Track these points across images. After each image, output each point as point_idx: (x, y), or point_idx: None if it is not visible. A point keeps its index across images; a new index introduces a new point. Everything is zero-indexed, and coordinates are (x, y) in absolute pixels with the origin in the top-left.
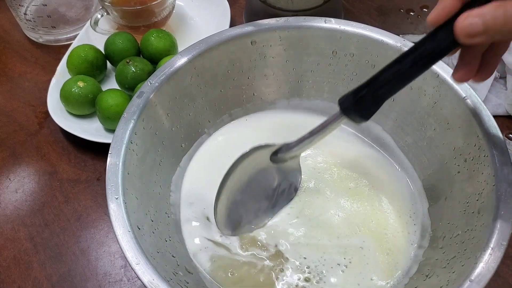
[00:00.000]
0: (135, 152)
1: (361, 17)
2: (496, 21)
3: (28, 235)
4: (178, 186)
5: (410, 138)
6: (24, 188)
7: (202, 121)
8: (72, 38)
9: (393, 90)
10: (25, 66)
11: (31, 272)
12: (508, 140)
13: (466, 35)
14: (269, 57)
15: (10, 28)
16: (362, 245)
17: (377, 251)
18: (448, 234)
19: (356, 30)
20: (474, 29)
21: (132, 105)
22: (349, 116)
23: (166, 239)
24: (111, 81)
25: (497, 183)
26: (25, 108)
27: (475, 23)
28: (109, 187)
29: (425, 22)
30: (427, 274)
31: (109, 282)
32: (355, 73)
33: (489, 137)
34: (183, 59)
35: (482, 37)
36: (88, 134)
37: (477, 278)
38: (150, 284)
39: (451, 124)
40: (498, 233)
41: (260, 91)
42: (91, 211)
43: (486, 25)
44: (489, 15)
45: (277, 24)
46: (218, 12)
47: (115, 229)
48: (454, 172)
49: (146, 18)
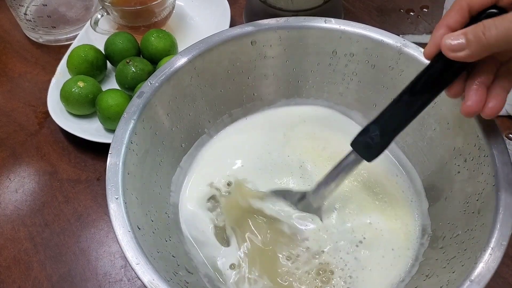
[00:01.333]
0: (135, 152)
1: (361, 17)
2: (476, 35)
3: (28, 235)
4: (178, 186)
5: (410, 138)
6: (24, 188)
7: (202, 121)
8: (72, 38)
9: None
10: (25, 66)
11: (31, 272)
12: (508, 140)
13: (451, 49)
14: (269, 57)
15: (10, 28)
16: (370, 221)
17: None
18: (448, 234)
19: (356, 30)
20: (457, 44)
21: (132, 105)
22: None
23: (166, 239)
24: (111, 81)
25: (497, 183)
26: (25, 108)
27: (458, 36)
28: (109, 187)
29: (425, 22)
30: (427, 274)
31: (109, 282)
32: (355, 73)
33: (489, 137)
34: (183, 59)
35: (466, 51)
36: (88, 134)
37: (477, 278)
38: (150, 284)
39: (451, 124)
40: (498, 233)
41: (260, 91)
42: (91, 211)
43: (468, 39)
44: (469, 31)
45: (277, 24)
46: (218, 12)
47: (115, 229)
48: (454, 172)
49: (146, 18)
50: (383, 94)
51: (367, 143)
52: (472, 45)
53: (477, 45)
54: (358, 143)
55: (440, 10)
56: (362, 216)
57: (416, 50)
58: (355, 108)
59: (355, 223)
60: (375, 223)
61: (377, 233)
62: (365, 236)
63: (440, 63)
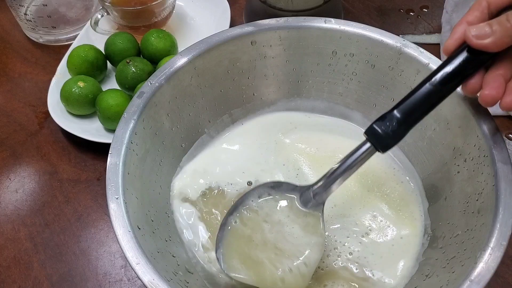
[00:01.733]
0: (135, 152)
1: (361, 17)
2: (501, 24)
3: (28, 235)
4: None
5: (410, 138)
6: (24, 188)
7: (202, 121)
8: (72, 38)
9: (419, 117)
10: (25, 66)
11: (31, 272)
12: (508, 140)
13: (476, 37)
14: (269, 57)
15: (10, 28)
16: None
17: (390, 210)
18: (448, 234)
19: (356, 30)
20: (482, 31)
21: (132, 105)
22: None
23: (166, 239)
24: (111, 81)
25: (497, 183)
26: (25, 108)
27: (483, 26)
28: (109, 187)
29: (425, 22)
30: (427, 274)
31: (109, 282)
32: (355, 73)
33: (489, 137)
34: (183, 59)
35: (491, 38)
36: (88, 134)
37: (477, 278)
38: (150, 284)
39: (451, 124)
40: (498, 233)
41: (260, 91)
42: (91, 211)
43: (492, 28)
44: (494, 21)
45: (277, 24)
46: (218, 12)
47: (115, 229)
48: (454, 172)
49: (146, 18)
50: (383, 94)
51: (384, 131)
52: (497, 32)
53: (502, 32)
54: (373, 131)
55: (440, 10)
56: (364, 210)
57: (416, 50)
58: (355, 108)
59: (358, 216)
60: (379, 215)
61: (383, 224)
62: (371, 228)
63: (462, 54)
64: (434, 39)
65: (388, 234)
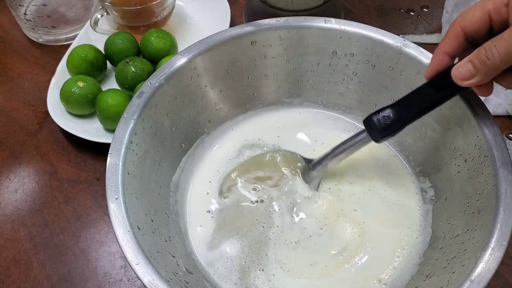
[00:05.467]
0: (135, 152)
1: (361, 17)
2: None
3: (28, 235)
4: (178, 186)
5: (410, 138)
6: (24, 188)
7: (202, 121)
8: (72, 38)
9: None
10: (25, 66)
11: (31, 272)
12: (508, 140)
13: (462, 79)
14: (269, 57)
15: (10, 28)
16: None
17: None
18: (448, 234)
19: (356, 30)
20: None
21: (132, 105)
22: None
23: (166, 239)
24: (111, 81)
25: (497, 183)
26: (25, 108)
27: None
28: (109, 187)
29: (425, 22)
30: (427, 274)
31: (109, 282)
32: (355, 73)
33: (489, 137)
34: (183, 59)
35: (477, 77)
36: (88, 134)
37: (477, 278)
38: (150, 284)
39: (451, 124)
40: (498, 233)
41: (260, 91)
42: (91, 211)
43: (475, 66)
44: (474, 57)
45: (277, 24)
46: (218, 12)
47: (115, 229)
48: (455, 172)
49: (146, 18)
50: (383, 94)
51: (379, 123)
52: (481, 71)
53: (485, 69)
54: (371, 121)
55: (440, 10)
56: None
57: (416, 50)
58: (355, 108)
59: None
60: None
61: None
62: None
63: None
64: (434, 39)
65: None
